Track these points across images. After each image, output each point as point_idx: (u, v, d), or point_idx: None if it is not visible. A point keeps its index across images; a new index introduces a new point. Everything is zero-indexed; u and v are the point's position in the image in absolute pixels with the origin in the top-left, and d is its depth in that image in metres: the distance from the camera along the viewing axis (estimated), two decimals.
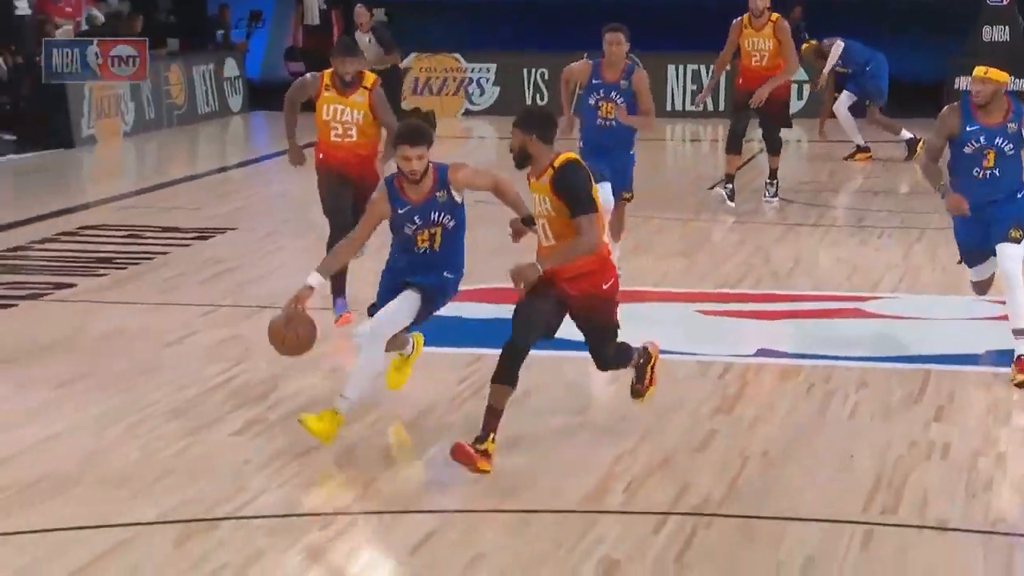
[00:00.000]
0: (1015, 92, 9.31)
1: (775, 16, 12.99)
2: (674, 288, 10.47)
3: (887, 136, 16.75)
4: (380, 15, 23.51)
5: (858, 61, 16.24)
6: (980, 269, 8.52)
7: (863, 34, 16.84)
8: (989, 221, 8.10)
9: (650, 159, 14.08)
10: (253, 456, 6.92)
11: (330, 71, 9.21)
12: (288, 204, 14.31)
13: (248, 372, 8.26)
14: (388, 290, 7.14)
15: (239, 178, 16.95)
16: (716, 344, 8.96)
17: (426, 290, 7.02)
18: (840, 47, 16.14)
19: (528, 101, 21.32)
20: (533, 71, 21.38)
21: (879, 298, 10.17)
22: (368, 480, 6.67)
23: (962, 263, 8.60)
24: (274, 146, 18.55)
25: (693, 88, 20.36)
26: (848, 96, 16.36)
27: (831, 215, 13.66)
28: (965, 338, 8.75)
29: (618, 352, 7.07)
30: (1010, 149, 8.09)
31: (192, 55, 21.37)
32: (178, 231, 12.78)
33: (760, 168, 14.07)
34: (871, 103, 16.33)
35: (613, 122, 9.86)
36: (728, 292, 10.38)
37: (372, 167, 9.20)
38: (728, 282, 10.70)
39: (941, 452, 7.03)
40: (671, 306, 9.95)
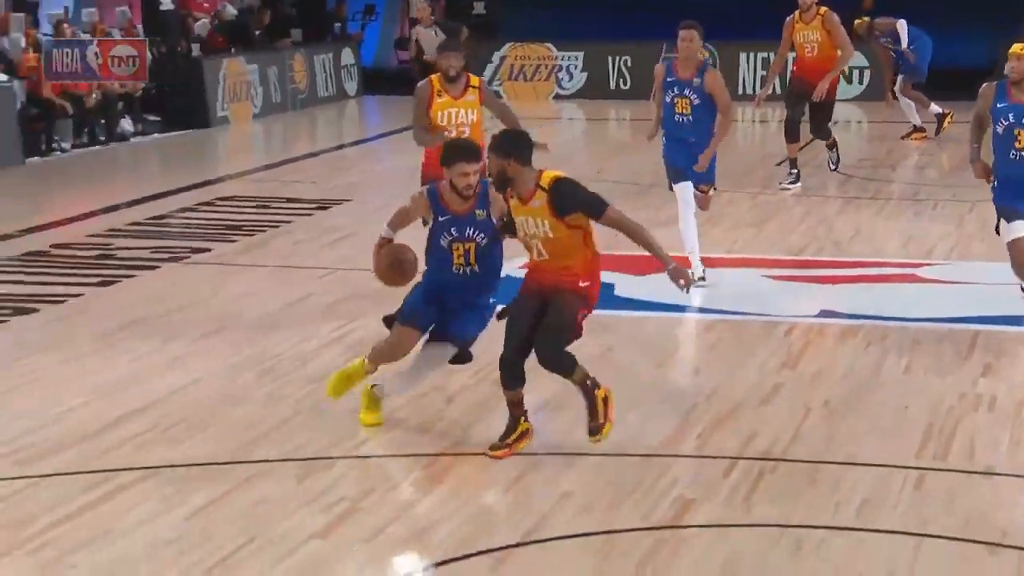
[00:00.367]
0: None
1: (823, 10, 12.75)
2: (744, 255, 10.39)
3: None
4: (479, 8, 23.52)
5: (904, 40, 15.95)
6: (1016, 226, 7.94)
7: (918, 18, 16.46)
8: None
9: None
10: None
11: (436, 75, 8.65)
12: (398, 179, 14.33)
13: (361, 328, 8.31)
14: (422, 299, 6.57)
15: (354, 155, 17.02)
16: (782, 306, 8.88)
17: (466, 344, 6.64)
18: (904, 25, 15.85)
19: (612, 87, 21.30)
20: (617, 58, 21.27)
21: (932, 264, 10.02)
22: (467, 425, 6.71)
23: (999, 232, 8.30)
24: (385, 127, 18.54)
25: (762, 73, 20.15)
26: (904, 78, 16.05)
27: (888, 189, 13.43)
28: (1011, 302, 8.58)
29: (564, 355, 6.13)
30: None
31: (313, 45, 21.50)
32: (301, 202, 12.88)
33: (819, 146, 13.90)
34: (906, 79, 15.98)
35: (689, 117, 9.34)
36: (794, 259, 10.27)
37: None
38: (793, 250, 10.59)
39: (988, 405, 6.93)
40: (742, 271, 9.87)
